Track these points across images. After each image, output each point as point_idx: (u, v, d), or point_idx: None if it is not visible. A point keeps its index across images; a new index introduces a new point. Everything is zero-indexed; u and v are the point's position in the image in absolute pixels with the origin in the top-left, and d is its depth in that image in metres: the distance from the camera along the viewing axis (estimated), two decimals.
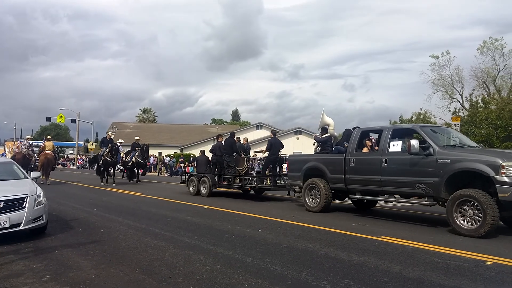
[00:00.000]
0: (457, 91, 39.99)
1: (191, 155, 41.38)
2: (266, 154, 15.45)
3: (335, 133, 13.19)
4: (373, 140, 10.41)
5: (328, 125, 12.52)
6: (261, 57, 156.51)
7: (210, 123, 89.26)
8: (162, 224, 8.82)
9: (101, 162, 20.49)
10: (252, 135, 48.38)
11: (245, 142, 17.58)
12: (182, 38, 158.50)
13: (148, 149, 23.09)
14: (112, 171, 20.90)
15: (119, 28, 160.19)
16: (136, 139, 23.61)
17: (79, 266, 5.47)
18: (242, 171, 15.40)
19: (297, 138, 44.28)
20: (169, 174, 37.41)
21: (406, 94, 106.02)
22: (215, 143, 16.42)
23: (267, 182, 14.61)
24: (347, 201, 11.55)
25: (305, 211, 11.35)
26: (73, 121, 56.49)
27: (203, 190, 15.41)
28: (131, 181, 22.66)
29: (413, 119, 37.85)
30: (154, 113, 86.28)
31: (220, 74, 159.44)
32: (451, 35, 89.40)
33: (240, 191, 16.08)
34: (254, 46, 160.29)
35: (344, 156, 10.38)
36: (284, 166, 15.38)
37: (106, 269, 5.36)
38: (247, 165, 15.70)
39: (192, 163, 37.78)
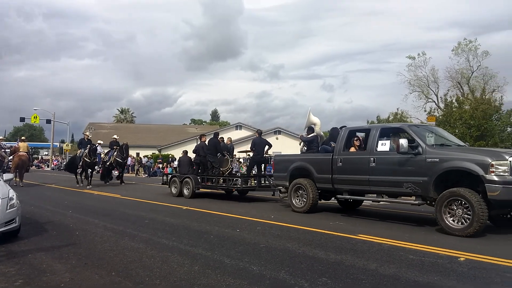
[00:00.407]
0: (433, 91, 40.91)
1: (170, 155, 41.04)
2: (251, 154, 15.26)
3: (321, 133, 13.03)
4: (360, 140, 10.35)
5: (315, 124, 12.38)
6: (241, 57, 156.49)
7: (189, 123, 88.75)
8: (139, 225, 8.71)
9: (80, 163, 19.83)
10: (231, 135, 47.91)
11: (229, 142, 17.29)
12: (161, 37, 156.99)
13: (128, 148, 22.23)
14: (90, 172, 20.10)
15: (96, 27, 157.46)
16: (114, 138, 22.79)
17: (53, 270, 5.36)
18: (226, 172, 15.17)
19: (277, 138, 44.34)
20: (147, 175, 36.99)
21: (383, 94, 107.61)
22: (198, 143, 16.17)
23: (252, 182, 14.42)
24: (332, 201, 11.59)
25: (284, 211, 11.40)
26: (48, 121, 55.17)
27: (186, 192, 15.10)
28: (108, 182, 21.95)
29: (390, 119, 38.41)
30: (132, 113, 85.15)
31: (200, 74, 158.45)
32: (427, 37, 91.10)
33: (223, 192, 15.83)
34: (234, 46, 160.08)
35: (332, 156, 10.27)
36: (266, 166, 15.37)
37: (81, 272, 5.26)
38: (231, 166, 15.46)
39: (171, 164, 37.53)
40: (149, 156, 41.59)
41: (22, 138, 22.19)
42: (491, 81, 37.20)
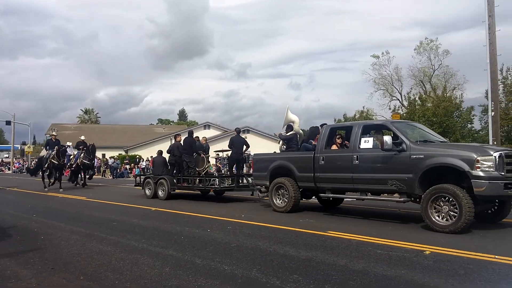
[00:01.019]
0: (397, 89, 41.97)
1: (137, 156, 40.44)
2: (229, 154, 14.94)
3: (300, 130, 12.79)
4: (342, 137, 10.31)
5: (293, 122, 12.17)
6: (208, 55, 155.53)
7: (157, 123, 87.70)
8: (107, 228, 8.55)
9: (46, 165, 18.94)
10: (200, 135, 47.92)
11: (204, 141, 16.96)
12: (125, 35, 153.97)
13: (95, 149, 21.62)
14: (58, 175, 19.21)
15: (56, 24, 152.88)
16: (81, 139, 21.99)
17: (18, 276, 5.19)
18: (202, 172, 14.86)
19: (245, 137, 44.40)
20: (113, 176, 36.26)
21: (349, 92, 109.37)
22: (173, 142, 15.65)
23: (229, 182, 14.11)
24: (313, 199, 11.65)
25: (255, 210, 11.45)
26: (8, 123, 53.15)
27: (161, 193, 14.68)
28: (77, 185, 21.17)
29: (356, 117, 39.13)
30: (97, 113, 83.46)
31: (166, 73, 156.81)
32: (391, 36, 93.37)
33: (199, 193, 15.62)
34: (200, 44, 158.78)
35: (313, 154, 10.11)
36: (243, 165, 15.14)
37: (48, 277, 5.12)
38: (207, 166, 15.18)
39: (139, 165, 36.97)
40: (116, 157, 40.79)
41: None
42: (451, 79, 38.53)
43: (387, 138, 8.32)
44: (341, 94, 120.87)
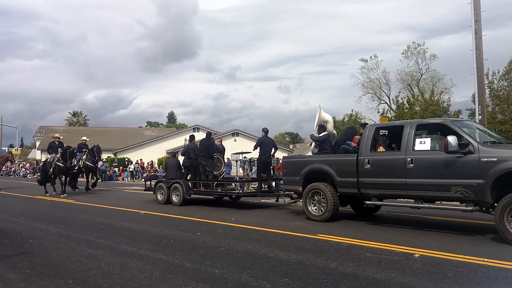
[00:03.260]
0: (385, 93, 42.23)
1: (126, 159, 40.15)
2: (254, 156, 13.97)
3: (334, 131, 11.86)
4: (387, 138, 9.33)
5: (326, 122, 11.32)
6: (197, 58, 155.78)
7: (146, 126, 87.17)
8: (96, 231, 8.47)
9: (51, 169, 17.76)
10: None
11: (219, 143, 15.64)
12: (114, 37, 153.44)
13: (100, 151, 19.91)
14: (64, 178, 17.87)
15: (44, 26, 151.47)
16: (83, 140, 20.35)
17: (6, 280, 5.12)
18: (219, 176, 14.00)
19: (235, 140, 44.30)
20: (102, 179, 35.90)
21: (338, 96, 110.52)
22: (188, 144, 14.66)
23: (252, 187, 12.97)
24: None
25: (244, 213, 11.41)
26: None
27: (175, 198, 13.54)
28: (76, 189, 19.45)
29: (345, 121, 39.35)
30: (85, 116, 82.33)
31: (155, 76, 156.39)
32: (379, 40, 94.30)
33: (213, 198, 14.47)
34: (189, 47, 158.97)
35: (356, 157, 9.04)
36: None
37: (36, 281, 5.06)
38: (224, 169, 14.34)
39: (127, 167, 36.71)
40: (104, 159, 40.41)
41: None
42: (439, 83, 38.87)
43: (452, 139, 7.37)
44: (329, 97, 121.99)
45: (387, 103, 41.67)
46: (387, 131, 9.34)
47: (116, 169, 36.98)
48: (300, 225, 9.02)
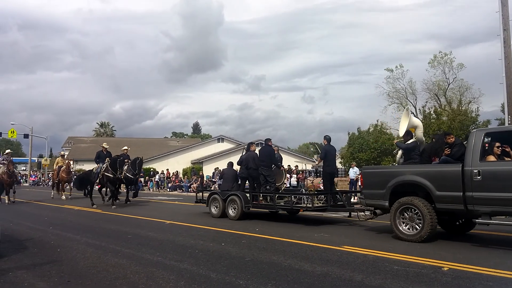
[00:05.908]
0: (411, 103, 41.56)
1: (152, 169, 40.66)
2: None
3: (423, 138, 10.65)
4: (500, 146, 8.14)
5: (416, 127, 10.19)
6: (222, 69, 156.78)
7: (171, 137, 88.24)
8: (122, 241, 8.59)
9: (98, 180, 17.76)
10: (213, 148, 48.24)
11: (277, 151, 14.20)
12: (140, 49, 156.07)
13: (142, 164, 18.83)
14: (114, 189, 17.48)
15: (72, 38, 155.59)
16: (124, 150, 19.20)
17: None
18: (281, 187, 13.08)
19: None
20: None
21: (363, 106, 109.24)
22: (245, 153, 13.56)
23: (320, 200, 11.77)
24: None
25: (268, 223, 11.34)
26: (26, 136, 54.25)
27: (231, 212, 12.46)
28: (117, 200, 17.93)
29: (370, 131, 38.90)
30: (112, 126, 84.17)
31: (181, 87, 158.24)
32: (406, 49, 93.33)
33: (268, 211, 13.39)
34: (214, 58, 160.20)
35: (462, 168, 7.87)
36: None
37: None
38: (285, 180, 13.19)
39: (152, 178, 37.16)
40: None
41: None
42: (467, 92, 38.04)
43: None
44: (354, 107, 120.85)
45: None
46: (497, 137, 8.15)
47: (142, 179, 37.48)
48: (325, 237, 8.93)
